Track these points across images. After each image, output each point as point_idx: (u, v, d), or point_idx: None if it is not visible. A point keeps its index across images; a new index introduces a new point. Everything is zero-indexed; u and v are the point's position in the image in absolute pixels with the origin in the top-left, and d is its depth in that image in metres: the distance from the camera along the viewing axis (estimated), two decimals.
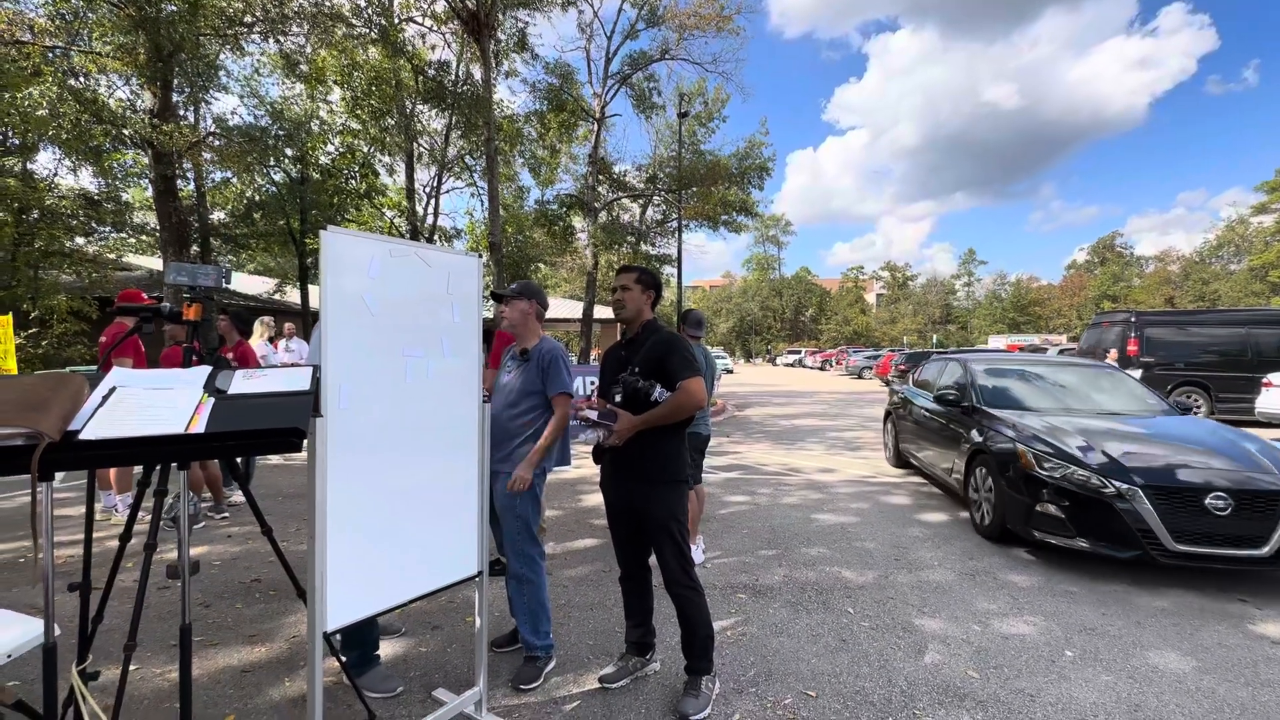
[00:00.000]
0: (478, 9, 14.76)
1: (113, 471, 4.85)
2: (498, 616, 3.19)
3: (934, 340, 54.41)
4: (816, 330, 68.55)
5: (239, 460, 2.61)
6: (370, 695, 2.39)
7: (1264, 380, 9.76)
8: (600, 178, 21.01)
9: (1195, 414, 11.13)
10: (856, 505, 5.59)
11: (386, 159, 19.15)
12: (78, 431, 1.34)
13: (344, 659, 2.45)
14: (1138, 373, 8.95)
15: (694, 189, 20.97)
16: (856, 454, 8.38)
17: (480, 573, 2.30)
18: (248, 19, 13.23)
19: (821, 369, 41.28)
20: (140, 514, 1.92)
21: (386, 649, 2.86)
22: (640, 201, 23.60)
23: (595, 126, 20.59)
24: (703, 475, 4.23)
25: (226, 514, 4.93)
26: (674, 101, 21.15)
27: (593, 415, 2.41)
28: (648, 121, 22.50)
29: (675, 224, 21.53)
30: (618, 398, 2.48)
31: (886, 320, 67.80)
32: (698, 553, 4.07)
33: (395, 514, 1.98)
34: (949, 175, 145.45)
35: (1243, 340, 11.29)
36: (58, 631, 1.66)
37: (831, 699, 2.47)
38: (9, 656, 1.94)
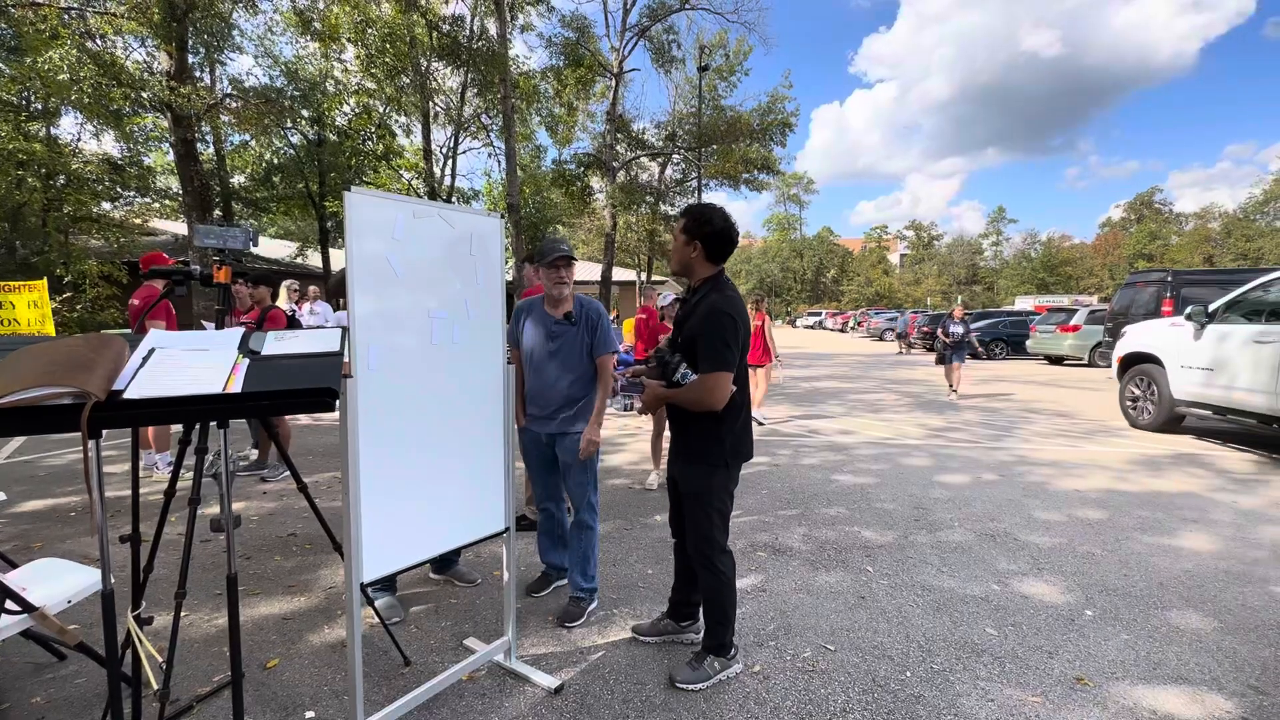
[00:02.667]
0: None
1: (150, 430, 5.02)
2: (524, 570, 3.30)
3: (958, 300, 53.26)
4: (838, 292, 67.48)
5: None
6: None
7: None
8: (618, 136, 20.59)
9: None
10: (877, 467, 5.60)
11: (403, 119, 18.97)
12: (121, 391, 1.38)
13: (375, 604, 2.58)
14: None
15: (714, 146, 20.48)
16: (877, 415, 8.35)
17: (508, 529, 2.37)
18: None
19: (842, 331, 40.82)
20: (184, 470, 1.99)
21: (424, 595, 2.99)
22: (659, 160, 23.15)
23: (613, 82, 20.07)
24: None
25: (281, 470, 5.01)
26: (694, 54, 20.49)
27: (621, 381, 2.32)
28: (667, 76, 21.90)
29: (695, 183, 21.11)
30: (651, 364, 2.30)
31: (910, 281, 66.43)
32: None
33: (424, 472, 2.03)
34: (981, 130, 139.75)
35: None
36: (112, 580, 1.76)
37: (849, 653, 2.53)
38: (69, 602, 2.07)
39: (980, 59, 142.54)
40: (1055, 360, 17.13)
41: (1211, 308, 6.45)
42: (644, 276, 25.56)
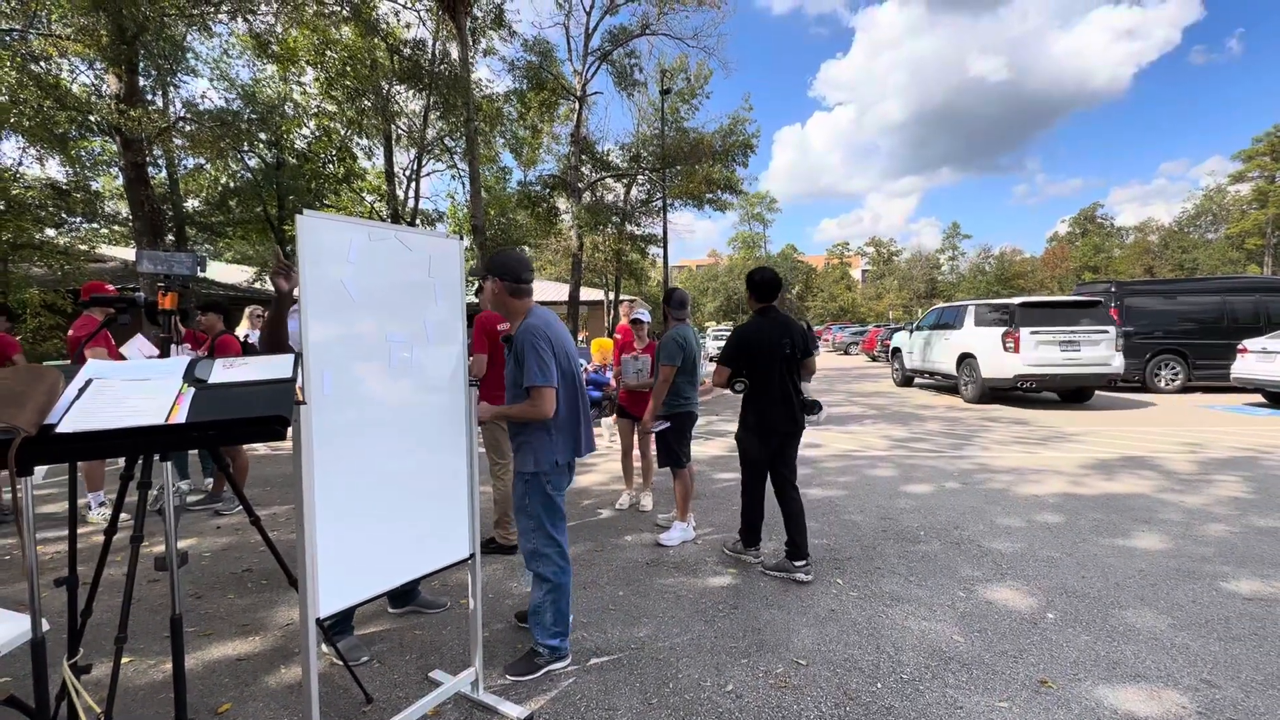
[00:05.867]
0: None
1: (83, 467, 4.73)
2: (491, 598, 3.22)
3: (918, 315, 54.83)
4: (803, 308, 68.76)
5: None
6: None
7: (1239, 346, 9.96)
8: (583, 157, 20.76)
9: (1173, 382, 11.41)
10: (844, 479, 5.67)
11: (364, 142, 18.75)
12: (55, 425, 1.31)
13: (336, 643, 2.47)
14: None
15: (678, 167, 20.79)
16: (843, 429, 8.48)
17: (472, 555, 2.31)
18: None
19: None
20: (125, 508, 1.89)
21: (386, 630, 2.88)
22: (624, 181, 23.38)
23: (577, 105, 20.28)
24: (691, 453, 4.26)
25: (236, 504, 4.82)
26: (656, 78, 20.89)
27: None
28: (630, 99, 22.21)
29: (660, 203, 21.36)
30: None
31: (872, 296, 68.15)
32: (688, 530, 4.12)
33: (384, 499, 1.98)
34: (935, 150, 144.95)
35: (1219, 308, 11.50)
36: (46, 626, 1.65)
37: (821, 667, 2.53)
38: None
39: (932, 83, 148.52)
40: None
41: (914, 324, 13.44)
42: (611, 296, 25.64)
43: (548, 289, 23.48)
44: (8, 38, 11.89)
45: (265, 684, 2.47)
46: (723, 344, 3.63)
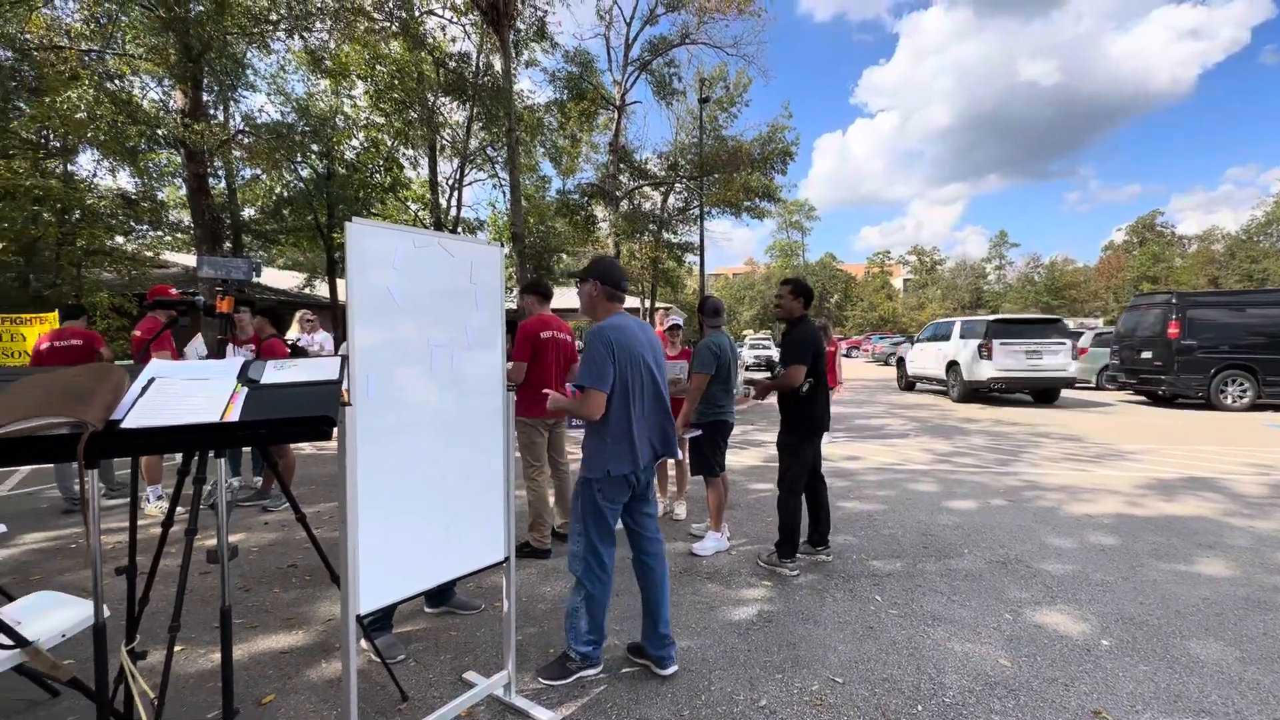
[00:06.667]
0: None
1: (144, 462, 4.99)
2: (525, 602, 3.24)
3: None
4: (841, 317, 67.56)
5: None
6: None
7: None
8: (621, 166, 20.93)
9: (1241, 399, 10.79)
10: (883, 493, 5.52)
11: (410, 152, 19.34)
12: (120, 421, 1.38)
13: (375, 641, 2.53)
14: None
15: (716, 175, 20.76)
16: (883, 441, 8.28)
17: (507, 558, 2.33)
18: (273, 17, 13.42)
19: (847, 355, 40.74)
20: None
21: (421, 630, 2.93)
22: (662, 189, 23.46)
23: (616, 114, 20.48)
24: (726, 463, 4.22)
25: (284, 501, 4.98)
26: (695, 87, 20.94)
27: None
28: (668, 108, 22.34)
29: (697, 211, 21.34)
30: (767, 373, 3.93)
31: (914, 306, 66.45)
32: (722, 540, 4.07)
33: (424, 500, 2.02)
34: (982, 156, 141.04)
35: None
36: (107, 613, 1.73)
37: (859, 685, 2.46)
38: (64, 636, 2.04)
39: (980, 88, 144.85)
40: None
41: (916, 337, 15.43)
42: (648, 303, 25.70)
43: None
44: (87, 58, 12.71)
45: (307, 677, 2.54)
46: (763, 352, 4.09)
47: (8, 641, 1.82)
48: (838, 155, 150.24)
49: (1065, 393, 15.91)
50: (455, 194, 20.28)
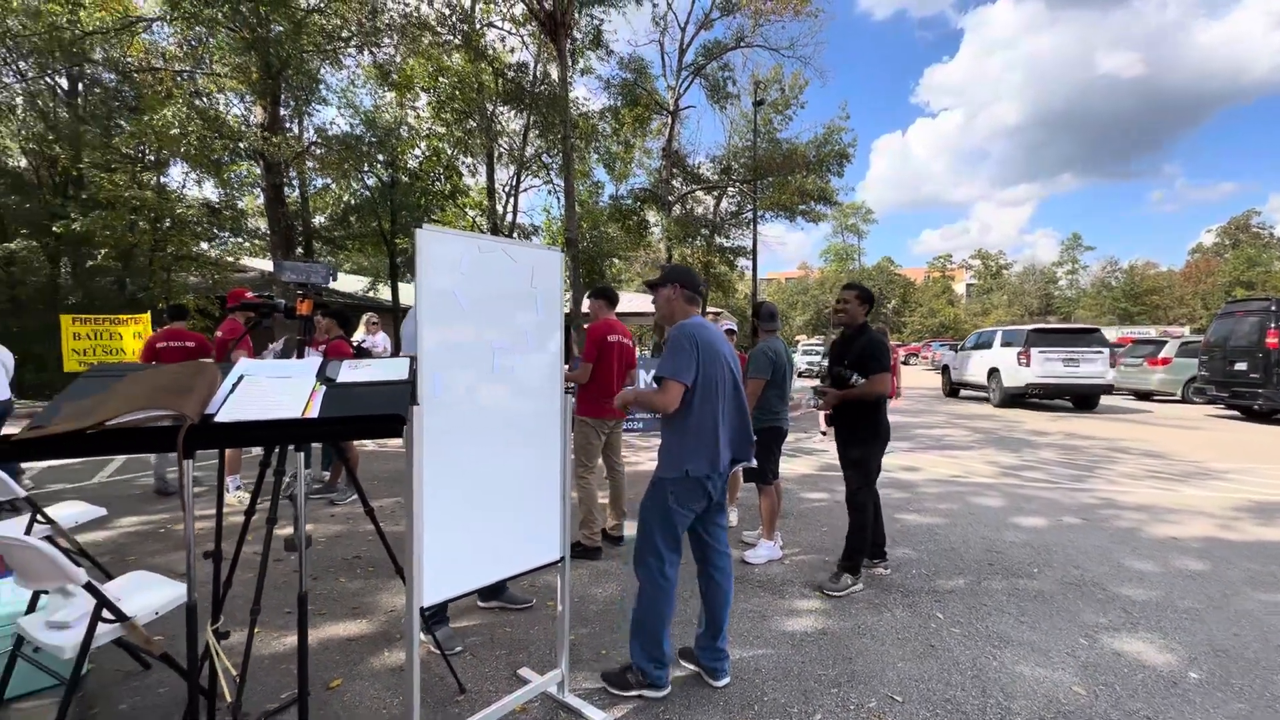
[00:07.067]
0: (555, 9, 15.06)
1: (227, 453, 5.32)
2: (577, 602, 3.28)
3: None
4: (899, 323, 65.38)
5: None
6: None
7: None
8: (674, 171, 20.97)
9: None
10: (945, 506, 5.31)
11: (469, 160, 19.94)
12: (213, 415, 1.49)
13: (434, 633, 2.62)
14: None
15: (770, 178, 20.52)
16: (944, 453, 7.96)
17: (562, 558, 2.37)
18: (345, 34, 14.13)
19: (905, 363, 39.40)
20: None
21: (477, 625, 3.01)
22: (714, 194, 23.37)
23: (669, 119, 20.55)
24: (780, 470, 4.15)
25: (349, 495, 5.24)
26: (749, 90, 20.78)
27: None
28: (722, 111, 22.23)
29: (750, 215, 21.13)
30: (827, 380, 3.68)
31: (978, 312, 63.57)
32: (775, 549, 4.01)
33: (484, 499, 2.07)
34: (1054, 154, 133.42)
35: None
36: (195, 595, 1.86)
37: (919, 705, 2.37)
38: (156, 614, 2.20)
39: (1052, 83, 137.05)
40: (1143, 396, 15.94)
41: (961, 345, 16.29)
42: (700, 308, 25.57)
43: (634, 301, 23.86)
44: (180, 77, 13.72)
45: (370, 664, 2.65)
46: (818, 358, 4.01)
47: (110, 617, 1.97)
48: (897, 156, 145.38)
49: (1146, 405, 14.95)
50: (511, 200, 20.79)
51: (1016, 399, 12.98)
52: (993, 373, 13.33)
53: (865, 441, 3.54)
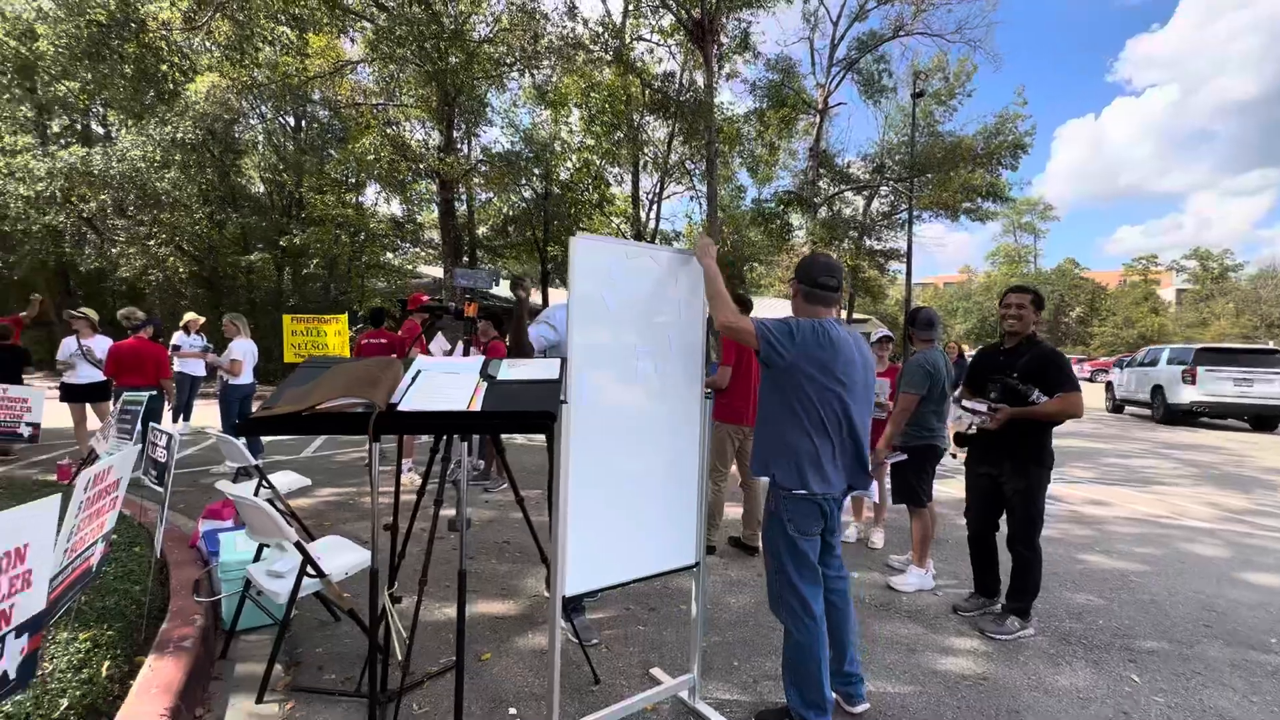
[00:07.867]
0: (703, 17, 15.19)
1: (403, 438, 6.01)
2: (709, 610, 3.25)
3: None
4: (1085, 334, 56.97)
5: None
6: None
7: None
8: (821, 171, 20.17)
9: None
10: (1143, 550, 4.52)
11: (615, 170, 20.78)
12: (397, 404, 1.69)
13: (573, 621, 2.74)
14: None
15: (929, 175, 18.97)
16: (1144, 488, 6.79)
17: (697, 563, 2.37)
18: (509, 60, 15.43)
19: (1090, 380, 34.12)
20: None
21: (611, 618, 3.11)
22: (864, 193, 22.12)
23: (817, 118, 19.82)
24: (934, 493, 3.80)
25: (500, 483, 5.70)
26: (907, 81, 19.41)
27: (980, 407, 3.08)
28: (876, 107, 20.98)
29: (904, 215, 19.70)
30: (993, 394, 3.11)
31: (1193, 322, 53.44)
32: (927, 578, 3.67)
33: (626, 498, 2.13)
34: None
35: None
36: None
37: None
38: (346, 574, 2.54)
39: None
40: None
41: (1124, 361, 16.25)
42: (843, 314, 24.35)
43: (775, 306, 23.27)
44: (375, 109, 15.86)
45: (515, 644, 2.84)
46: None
47: (313, 572, 2.31)
48: (1088, 144, 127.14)
49: None
50: (655, 207, 21.31)
51: (1182, 416, 12.89)
52: (1156, 390, 13.35)
53: (1043, 463, 3.10)
